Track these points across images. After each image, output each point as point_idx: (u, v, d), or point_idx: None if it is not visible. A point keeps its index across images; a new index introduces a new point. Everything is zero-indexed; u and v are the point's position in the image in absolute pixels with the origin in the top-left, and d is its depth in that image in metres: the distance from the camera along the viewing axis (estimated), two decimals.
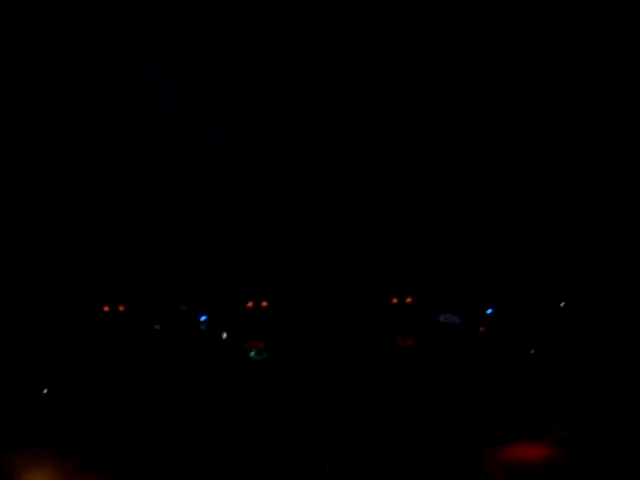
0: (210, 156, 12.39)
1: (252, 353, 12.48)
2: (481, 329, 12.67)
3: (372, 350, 12.56)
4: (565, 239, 12.70)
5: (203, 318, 12.57)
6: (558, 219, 12.69)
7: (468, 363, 12.51)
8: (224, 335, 12.50)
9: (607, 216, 12.66)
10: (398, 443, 11.59)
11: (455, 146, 12.61)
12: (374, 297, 12.71)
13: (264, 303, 12.61)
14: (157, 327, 12.55)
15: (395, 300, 12.69)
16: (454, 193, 12.70)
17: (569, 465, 11.38)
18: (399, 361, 12.51)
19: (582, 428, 11.77)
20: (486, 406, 12.08)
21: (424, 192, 12.76)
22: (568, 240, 12.70)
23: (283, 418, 11.89)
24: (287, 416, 11.91)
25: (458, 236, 12.74)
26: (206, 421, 11.96)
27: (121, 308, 12.52)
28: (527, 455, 11.62)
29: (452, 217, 12.73)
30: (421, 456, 11.49)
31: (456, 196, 12.68)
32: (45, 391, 12.17)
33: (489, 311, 12.71)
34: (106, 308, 12.51)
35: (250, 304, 12.62)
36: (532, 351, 12.56)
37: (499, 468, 11.38)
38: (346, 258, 12.71)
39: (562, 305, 12.70)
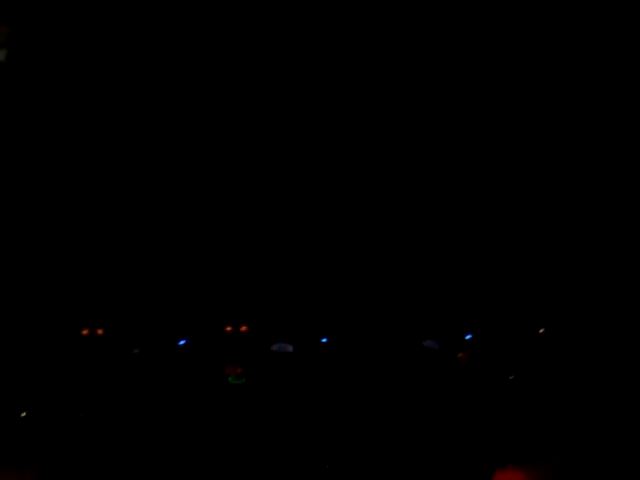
0: None
1: (230, 378, 12.43)
2: (460, 355, 12.63)
3: (352, 373, 12.52)
4: (544, 261, 12.73)
5: (182, 342, 12.56)
6: (539, 239, 12.73)
7: (448, 389, 12.44)
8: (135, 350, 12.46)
9: (589, 237, 12.70)
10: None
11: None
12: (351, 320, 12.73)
13: (243, 328, 12.60)
14: (135, 351, 12.53)
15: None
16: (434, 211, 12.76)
17: None
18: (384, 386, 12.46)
19: (565, 453, 11.65)
20: (465, 434, 12.01)
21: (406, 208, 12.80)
22: (548, 263, 12.73)
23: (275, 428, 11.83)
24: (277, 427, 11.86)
25: (437, 259, 12.77)
26: (188, 442, 11.89)
27: (99, 332, 12.52)
28: None
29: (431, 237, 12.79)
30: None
31: (435, 214, 12.74)
32: (23, 414, 12.11)
33: (468, 337, 12.68)
34: (85, 332, 12.51)
35: (229, 329, 12.61)
36: (511, 377, 12.49)
37: None
38: (326, 282, 12.75)
39: (541, 331, 12.67)
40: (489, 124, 12.84)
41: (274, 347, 12.53)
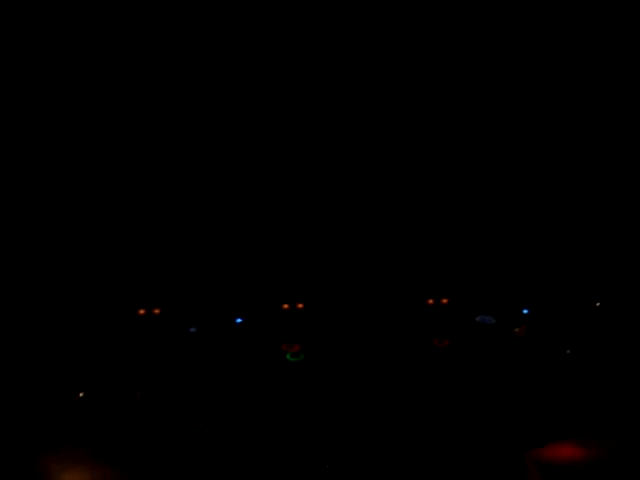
0: None
1: (288, 355, 12.43)
2: (516, 330, 12.63)
3: (408, 352, 12.52)
4: (598, 239, 12.72)
5: (239, 320, 12.55)
6: (589, 219, 12.74)
7: (504, 364, 12.45)
8: (192, 329, 12.45)
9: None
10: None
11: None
12: (409, 299, 12.69)
13: (300, 305, 12.59)
14: (192, 330, 12.51)
15: (431, 301, 12.68)
16: (478, 195, 12.76)
17: (608, 465, 11.31)
18: (435, 362, 12.45)
19: (620, 428, 11.71)
20: (522, 408, 12.03)
21: (448, 194, 12.81)
22: (602, 240, 12.72)
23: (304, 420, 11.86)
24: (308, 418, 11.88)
25: (488, 236, 12.75)
26: (242, 424, 11.91)
27: (156, 311, 12.50)
28: (566, 456, 11.55)
29: (480, 217, 12.77)
30: (445, 457, 11.47)
31: (480, 197, 12.73)
32: (81, 394, 12.10)
33: (525, 311, 12.67)
34: (141, 311, 12.49)
35: (286, 306, 12.60)
36: (568, 351, 12.49)
37: (538, 470, 11.30)
38: (377, 260, 12.72)
39: (598, 305, 12.67)
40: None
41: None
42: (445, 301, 12.65)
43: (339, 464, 11.35)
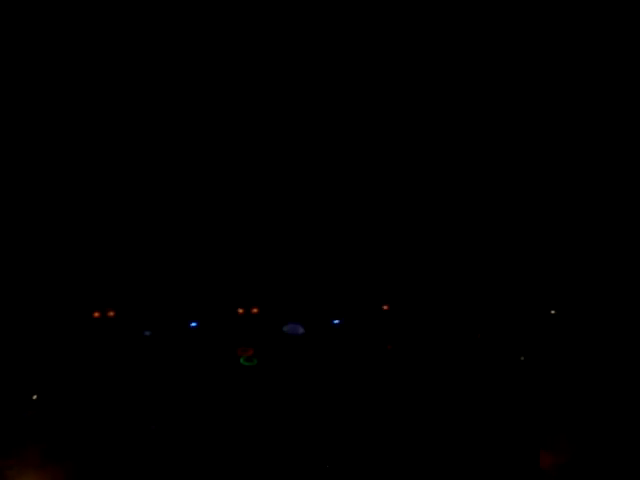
0: None
1: (242, 359, 12.45)
2: (477, 335, 12.65)
3: (362, 355, 12.54)
4: (555, 243, 12.72)
5: (194, 324, 12.56)
6: (548, 222, 12.72)
7: (461, 370, 12.48)
8: (146, 333, 12.46)
9: (598, 221, 12.69)
10: (397, 443, 11.60)
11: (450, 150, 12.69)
12: (364, 303, 12.72)
13: (254, 310, 12.60)
14: (147, 333, 12.52)
15: (387, 307, 12.70)
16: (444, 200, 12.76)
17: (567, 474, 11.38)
18: (388, 366, 12.48)
19: (578, 435, 11.76)
20: (474, 414, 12.07)
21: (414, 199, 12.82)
22: (558, 245, 12.72)
23: (278, 421, 11.87)
24: (282, 419, 11.90)
25: (449, 242, 12.77)
26: (199, 425, 11.94)
27: (111, 314, 12.51)
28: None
29: (444, 221, 12.78)
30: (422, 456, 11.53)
31: (446, 202, 12.74)
32: (34, 397, 12.12)
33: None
34: (96, 314, 12.50)
35: (241, 311, 12.61)
36: (522, 358, 12.52)
37: None
38: (332, 263, 12.74)
39: (552, 312, 12.68)
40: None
41: (285, 328, 12.53)
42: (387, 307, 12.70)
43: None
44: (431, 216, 12.86)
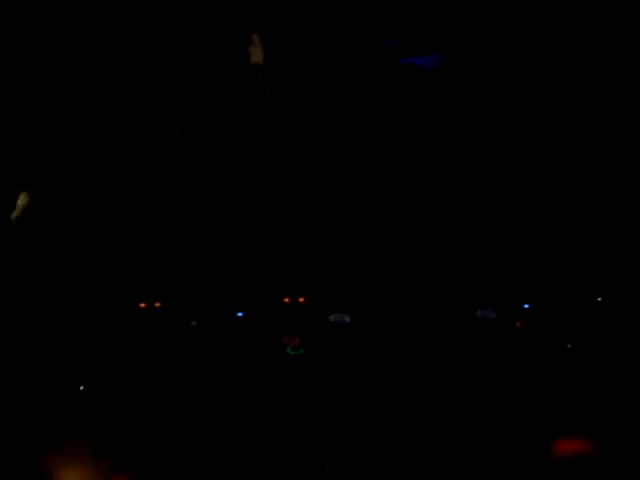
0: None
1: (288, 349, 12.46)
2: (517, 324, 12.62)
3: (409, 348, 12.54)
4: (599, 234, 12.67)
5: (240, 314, 12.55)
6: (589, 214, 12.68)
7: (504, 358, 12.46)
8: (193, 323, 12.46)
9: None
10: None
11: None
12: (407, 295, 12.70)
13: (301, 299, 12.58)
14: (193, 323, 12.53)
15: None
16: (479, 191, 12.73)
17: (609, 461, 11.42)
18: (437, 357, 12.48)
19: (620, 424, 11.79)
20: (523, 403, 12.09)
21: (449, 189, 12.78)
22: (602, 235, 12.66)
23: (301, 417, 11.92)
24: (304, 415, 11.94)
25: (489, 232, 12.71)
26: (246, 415, 12.00)
27: (157, 305, 12.52)
28: (565, 450, 11.65)
29: (481, 214, 12.74)
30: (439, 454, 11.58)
31: (481, 193, 12.70)
32: (81, 388, 12.17)
33: (526, 306, 12.65)
34: (142, 305, 12.50)
35: (287, 300, 12.59)
36: (569, 346, 12.50)
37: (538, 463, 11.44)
38: (378, 256, 12.72)
39: (599, 300, 12.63)
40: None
41: (332, 317, 12.52)
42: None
43: (339, 464, 11.44)
44: (470, 204, 12.83)
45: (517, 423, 11.97)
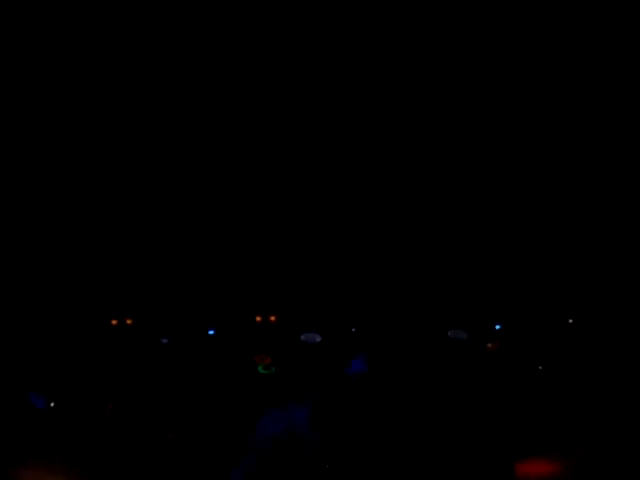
0: None
1: (260, 367, 12.44)
2: (489, 345, 12.64)
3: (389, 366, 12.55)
4: (571, 253, 12.69)
5: (211, 332, 12.54)
6: (562, 230, 12.69)
7: (476, 379, 12.48)
8: (164, 341, 12.45)
9: (611, 227, 12.65)
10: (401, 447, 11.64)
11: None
12: (387, 311, 12.71)
13: (272, 318, 12.58)
14: (164, 341, 12.51)
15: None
16: (452, 202, 12.72)
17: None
18: (409, 376, 12.49)
19: (592, 444, 11.80)
20: (493, 423, 12.10)
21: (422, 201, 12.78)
22: (574, 254, 12.69)
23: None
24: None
25: (462, 252, 12.73)
26: (216, 433, 11.97)
27: (128, 322, 12.49)
28: (539, 472, 11.66)
29: (452, 229, 12.74)
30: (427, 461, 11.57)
31: (455, 206, 12.70)
32: (51, 404, 12.12)
33: (497, 327, 12.67)
34: (114, 322, 12.48)
35: (258, 319, 12.59)
36: (540, 367, 12.52)
37: None
38: (352, 271, 12.72)
39: (570, 322, 12.67)
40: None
41: (302, 337, 12.52)
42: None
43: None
44: (448, 222, 12.82)
45: (486, 443, 11.97)
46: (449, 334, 12.59)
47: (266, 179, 12.59)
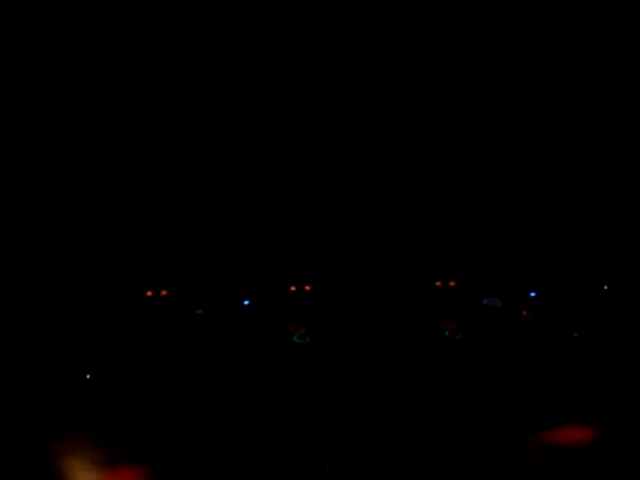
0: None
1: (295, 337, 12.44)
2: (524, 312, 12.62)
3: (415, 335, 12.52)
4: (606, 220, 12.69)
5: (246, 302, 12.54)
6: (598, 197, 12.70)
7: (510, 346, 12.46)
8: (199, 311, 12.44)
9: None
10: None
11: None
12: (416, 281, 12.68)
13: (307, 287, 12.57)
14: (199, 312, 12.50)
15: (439, 284, 12.66)
16: (484, 176, 12.73)
17: (611, 448, 11.39)
18: (442, 346, 12.46)
19: (625, 412, 11.78)
20: (529, 390, 12.07)
21: (453, 174, 12.78)
22: (609, 221, 12.69)
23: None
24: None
25: (495, 218, 12.72)
26: (253, 403, 11.95)
27: (164, 293, 12.49)
28: (571, 439, 11.62)
29: (486, 199, 12.75)
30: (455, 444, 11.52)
31: (487, 178, 12.71)
32: (88, 377, 12.12)
33: (532, 294, 12.66)
34: (149, 293, 12.47)
35: (293, 288, 12.58)
36: (576, 334, 12.50)
37: (542, 453, 11.38)
38: (384, 241, 12.70)
39: (605, 288, 12.66)
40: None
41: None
42: (453, 284, 12.63)
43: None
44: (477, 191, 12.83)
45: (522, 411, 11.94)
46: (484, 302, 12.57)
47: (296, 153, 12.64)
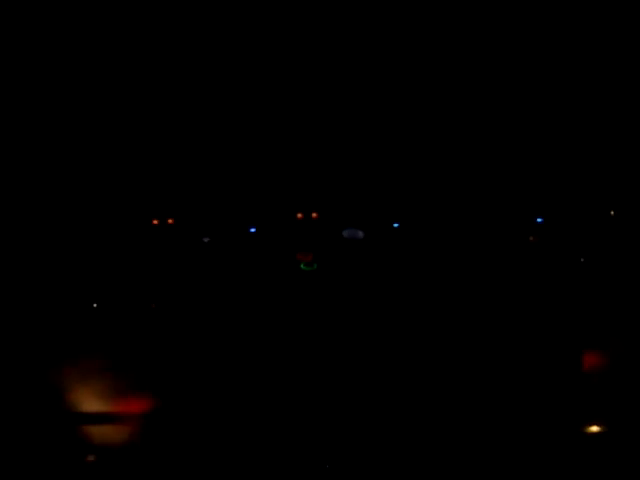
0: None
1: (302, 264, 12.43)
2: (531, 238, 12.63)
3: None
4: (614, 149, 12.63)
5: (252, 230, 12.49)
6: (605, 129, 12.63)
7: (519, 272, 12.51)
8: (205, 239, 12.41)
9: None
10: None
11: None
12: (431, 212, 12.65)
13: (314, 214, 12.51)
14: (206, 239, 12.46)
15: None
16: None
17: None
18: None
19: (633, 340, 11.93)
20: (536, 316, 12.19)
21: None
22: (617, 150, 12.62)
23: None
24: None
25: (502, 146, 12.67)
26: (260, 332, 12.04)
27: (170, 221, 12.42)
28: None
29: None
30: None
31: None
32: (95, 305, 12.14)
33: (539, 220, 12.64)
34: (155, 221, 12.40)
35: (300, 215, 12.52)
36: (582, 259, 12.54)
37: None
38: (390, 171, 12.65)
39: (612, 213, 12.65)
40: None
41: (345, 233, 12.47)
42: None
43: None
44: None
45: (525, 339, 12.08)
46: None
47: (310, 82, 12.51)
